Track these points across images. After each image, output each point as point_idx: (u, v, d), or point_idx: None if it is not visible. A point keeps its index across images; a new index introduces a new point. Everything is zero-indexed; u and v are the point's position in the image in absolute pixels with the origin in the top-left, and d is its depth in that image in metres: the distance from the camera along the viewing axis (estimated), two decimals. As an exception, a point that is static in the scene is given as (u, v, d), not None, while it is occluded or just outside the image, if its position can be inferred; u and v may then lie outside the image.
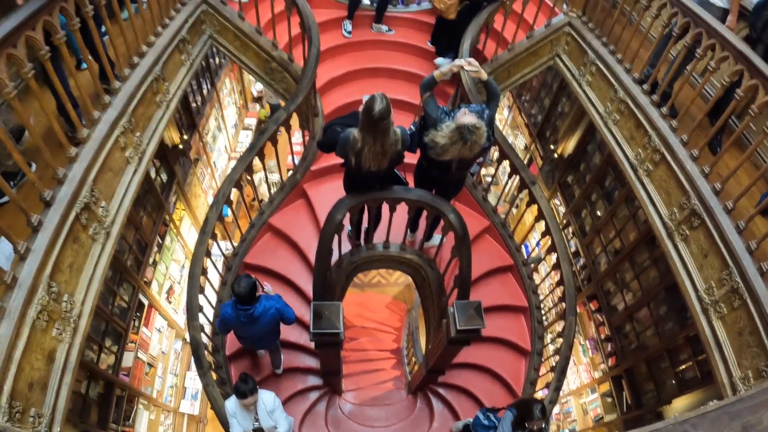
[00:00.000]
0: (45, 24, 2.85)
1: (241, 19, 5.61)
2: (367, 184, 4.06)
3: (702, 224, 3.68)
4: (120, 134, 3.74)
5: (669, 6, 4.33)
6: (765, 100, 3.25)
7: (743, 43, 3.57)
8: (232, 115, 9.45)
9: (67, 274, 3.05)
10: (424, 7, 7.77)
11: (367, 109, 3.39)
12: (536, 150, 8.10)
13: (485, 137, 3.63)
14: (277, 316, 4.24)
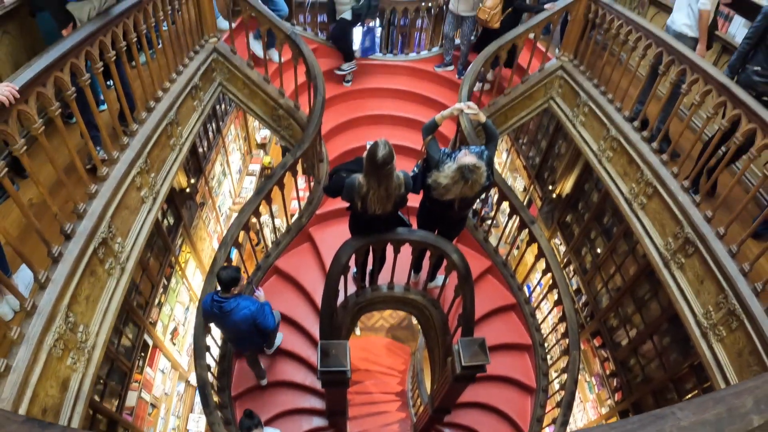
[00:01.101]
0: (72, 66, 3.05)
1: (250, 67, 5.86)
2: (372, 226, 4.20)
3: (696, 251, 3.78)
4: (137, 174, 3.90)
5: (654, 46, 4.58)
6: (764, 143, 3.38)
7: (723, 76, 3.78)
8: (237, 161, 9.65)
9: (83, 305, 3.15)
10: (423, 55, 8.11)
11: (371, 155, 3.54)
12: (535, 191, 8.27)
13: (485, 177, 3.78)
14: (250, 319, 4.26)
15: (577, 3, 5.77)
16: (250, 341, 4.69)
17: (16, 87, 2.49)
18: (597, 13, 5.55)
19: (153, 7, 4.24)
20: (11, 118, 2.49)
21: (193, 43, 5.40)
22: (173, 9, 4.70)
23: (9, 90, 2.43)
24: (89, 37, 3.25)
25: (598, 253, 6.20)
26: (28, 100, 2.64)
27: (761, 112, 3.40)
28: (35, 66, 2.71)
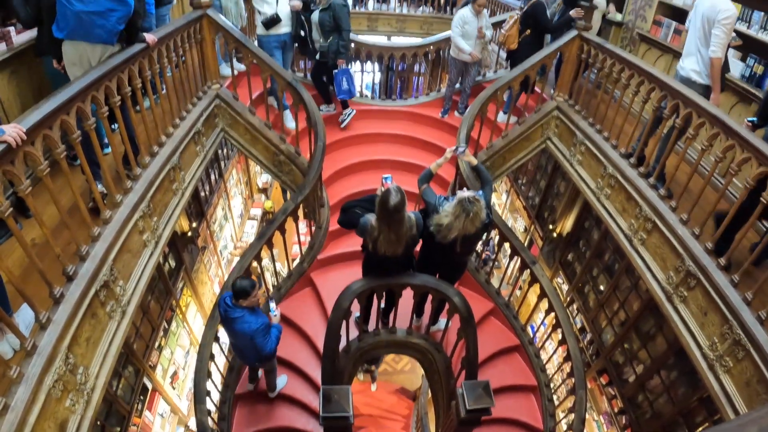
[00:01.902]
0: (78, 110, 3.12)
1: (252, 113, 5.98)
2: (384, 266, 4.25)
3: (698, 284, 3.77)
4: (139, 218, 3.92)
5: (647, 82, 4.69)
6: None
7: (732, 120, 3.73)
8: (239, 205, 9.73)
9: (84, 347, 3.12)
10: (422, 100, 8.28)
11: (383, 202, 3.65)
12: (536, 231, 8.29)
13: (485, 212, 3.89)
14: (249, 335, 4.22)
15: (570, 44, 5.94)
16: (245, 355, 4.63)
17: (24, 129, 2.54)
18: (589, 53, 5.70)
19: (158, 53, 4.36)
20: (17, 158, 2.53)
21: (197, 89, 5.53)
22: (177, 56, 4.83)
23: (17, 131, 2.48)
24: (95, 82, 3.33)
25: (601, 290, 6.17)
26: (35, 141, 2.68)
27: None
28: (42, 109, 2.77)
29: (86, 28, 3.57)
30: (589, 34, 5.81)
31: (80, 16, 3.51)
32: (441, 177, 6.69)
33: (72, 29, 3.58)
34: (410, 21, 12.14)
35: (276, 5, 6.15)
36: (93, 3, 3.50)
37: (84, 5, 3.49)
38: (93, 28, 3.58)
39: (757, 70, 5.13)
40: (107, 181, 3.65)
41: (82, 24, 3.55)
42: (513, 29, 6.81)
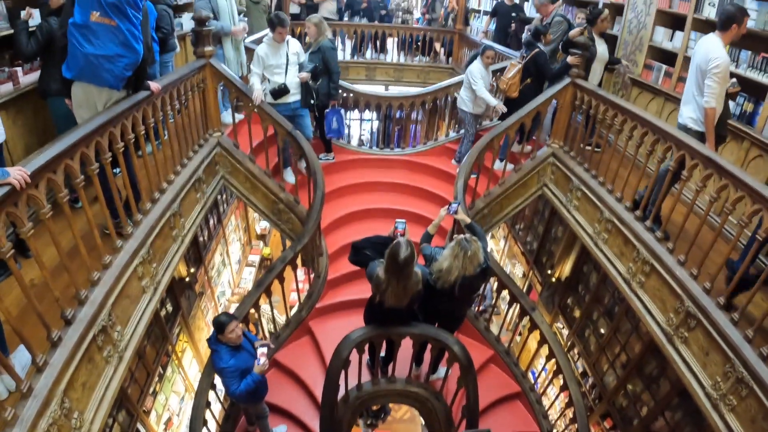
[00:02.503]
0: (82, 155, 3.17)
1: (252, 162, 6.06)
2: (386, 317, 4.26)
3: (698, 324, 3.75)
4: (139, 264, 3.92)
5: (639, 126, 4.78)
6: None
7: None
8: (237, 252, 9.74)
9: (79, 391, 3.07)
10: (419, 149, 8.42)
11: (393, 255, 3.69)
12: (534, 276, 8.28)
13: (482, 253, 3.96)
14: (217, 370, 4.31)
15: (563, 91, 6.08)
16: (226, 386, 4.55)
17: (28, 172, 2.58)
18: (583, 100, 5.83)
19: (162, 101, 4.45)
20: (21, 201, 2.56)
21: (198, 136, 5.62)
22: (180, 103, 4.94)
23: (21, 174, 2.52)
24: (100, 128, 3.40)
25: (601, 334, 6.12)
26: (39, 185, 2.72)
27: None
28: (47, 153, 2.82)
29: (94, 70, 3.66)
30: (586, 83, 5.94)
31: (89, 59, 3.61)
32: (440, 225, 6.75)
33: (81, 70, 3.67)
34: (407, 70, 12.44)
35: (285, 75, 6.24)
36: (102, 47, 3.61)
37: (94, 48, 3.59)
38: (101, 72, 3.67)
39: (748, 108, 5.26)
40: (109, 226, 3.68)
41: (91, 66, 3.64)
42: (516, 77, 6.96)
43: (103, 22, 3.57)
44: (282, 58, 6.21)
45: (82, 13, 3.54)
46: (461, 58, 11.99)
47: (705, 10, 5.93)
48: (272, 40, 6.14)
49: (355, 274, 6.50)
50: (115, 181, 3.78)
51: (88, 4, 3.53)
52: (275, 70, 6.21)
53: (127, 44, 3.69)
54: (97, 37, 3.59)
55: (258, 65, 6.13)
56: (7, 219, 2.49)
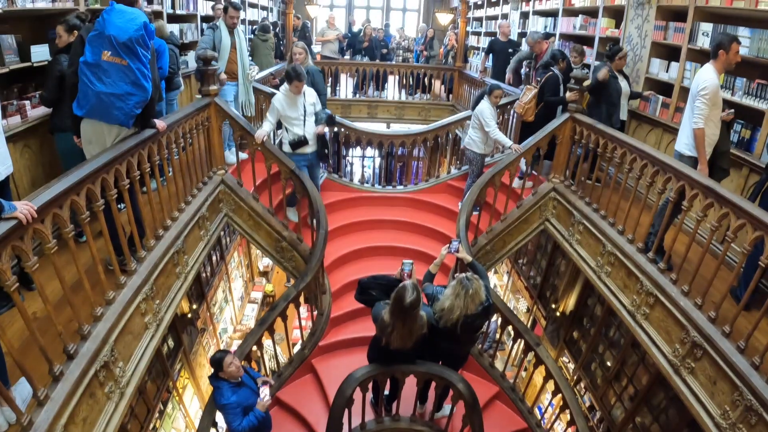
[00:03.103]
0: (88, 192, 3.22)
1: (255, 200, 6.12)
2: (390, 356, 4.27)
3: (705, 354, 3.71)
4: (142, 300, 3.92)
5: (639, 159, 4.81)
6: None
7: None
8: (239, 288, 9.71)
9: (80, 427, 3.03)
10: (421, 186, 8.49)
11: (399, 299, 3.73)
12: (538, 311, 8.22)
13: (484, 291, 3.98)
14: (218, 406, 4.31)
15: (562, 126, 6.16)
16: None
17: (35, 207, 2.62)
18: (582, 134, 5.90)
19: (167, 139, 4.53)
20: (26, 235, 2.58)
21: (202, 174, 5.68)
22: (185, 141, 5.01)
23: (28, 209, 2.55)
24: (106, 164, 3.45)
25: (608, 367, 6.04)
26: (44, 220, 2.75)
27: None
28: (54, 188, 2.86)
29: (105, 108, 3.73)
30: (585, 117, 5.99)
31: (100, 97, 3.68)
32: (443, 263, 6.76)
33: (92, 108, 3.74)
34: (408, 108, 12.65)
35: (303, 126, 6.28)
36: (113, 85, 3.69)
37: (105, 87, 3.67)
38: (112, 110, 3.74)
39: (745, 135, 5.33)
40: (113, 262, 3.71)
41: (102, 104, 3.71)
42: (532, 101, 7.05)
43: (115, 61, 3.66)
44: (299, 110, 6.26)
45: (94, 52, 3.64)
46: (461, 94, 12.20)
47: (699, 40, 6.07)
48: (289, 92, 6.17)
49: (359, 312, 6.48)
50: (120, 218, 3.82)
51: (99, 44, 3.64)
52: (293, 121, 6.24)
53: (137, 83, 3.77)
54: (108, 76, 3.67)
55: (273, 114, 6.18)
56: (12, 252, 2.51)
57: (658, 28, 6.89)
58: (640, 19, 7.21)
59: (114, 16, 3.66)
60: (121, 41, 3.64)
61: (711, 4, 5.88)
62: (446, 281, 6.15)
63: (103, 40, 3.63)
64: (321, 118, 6.44)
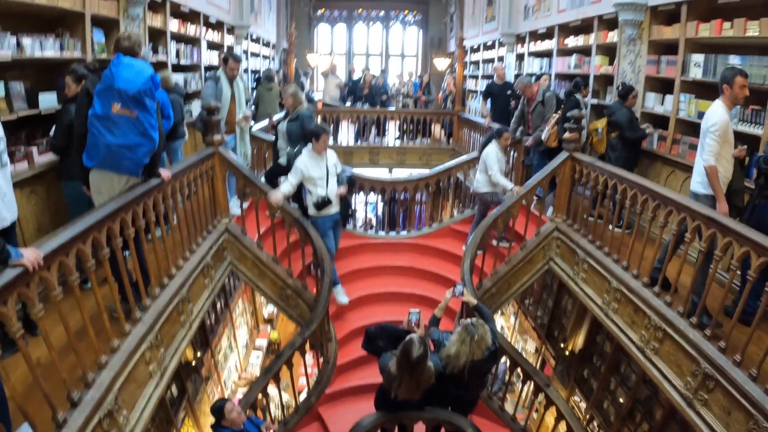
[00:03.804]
0: (94, 240, 3.26)
1: (260, 248, 6.14)
2: (398, 406, 4.21)
3: (717, 385, 3.66)
4: (147, 349, 3.91)
5: (639, 194, 4.84)
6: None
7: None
8: (244, 335, 9.61)
9: (83, 475, 3.00)
10: (425, 231, 8.53)
11: (405, 353, 3.70)
12: (547, 351, 8.10)
13: (490, 336, 3.96)
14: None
15: (562, 165, 6.23)
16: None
17: (42, 254, 2.65)
18: (582, 173, 5.96)
19: (172, 188, 4.60)
20: (33, 282, 2.61)
21: (207, 222, 5.72)
22: (190, 190, 5.08)
23: (35, 256, 2.59)
24: (112, 214, 3.51)
25: (620, 404, 5.91)
26: (51, 267, 2.78)
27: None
28: (60, 236, 2.90)
29: (116, 159, 3.81)
30: (584, 156, 6.07)
31: (111, 148, 3.75)
32: (448, 307, 6.73)
33: (102, 159, 3.81)
34: (410, 153, 12.83)
35: (326, 187, 6.27)
36: (123, 137, 3.76)
37: (115, 138, 3.74)
38: (122, 160, 3.82)
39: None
40: (118, 310, 3.71)
41: (113, 155, 3.78)
42: (555, 128, 7.17)
43: (124, 113, 3.75)
44: (323, 170, 6.24)
45: (104, 105, 3.72)
46: (461, 138, 12.38)
47: (691, 72, 6.17)
48: (312, 152, 6.20)
49: (365, 359, 6.42)
50: (125, 265, 3.85)
51: (108, 96, 3.72)
52: (317, 182, 6.21)
53: (146, 133, 3.86)
54: (118, 127, 3.75)
55: (295, 176, 6.17)
56: (17, 298, 2.53)
57: (651, 62, 7.04)
58: (632, 54, 7.37)
59: (122, 70, 3.76)
60: (130, 94, 3.73)
61: (701, 34, 6.02)
62: (452, 325, 6.11)
63: (112, 93, 3.71)
64: (342, 179, 6.48)
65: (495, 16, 13.83)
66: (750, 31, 5.30)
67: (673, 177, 6.49)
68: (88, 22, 5.79)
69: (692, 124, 6.24)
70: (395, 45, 22.71)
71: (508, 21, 12.67)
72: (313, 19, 19.66)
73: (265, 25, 15.62)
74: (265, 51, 15.67)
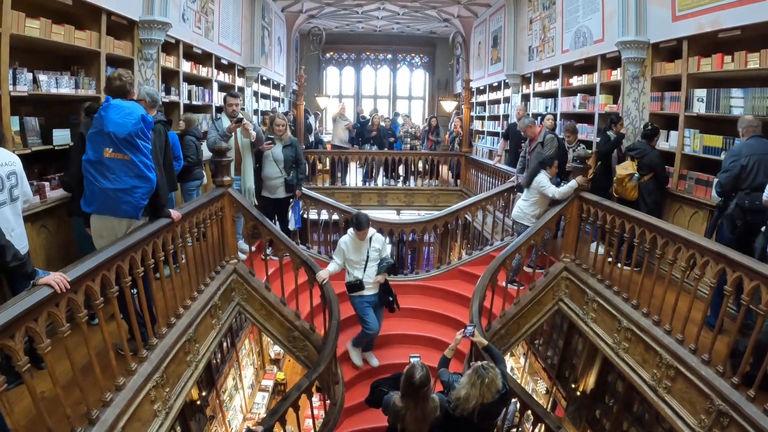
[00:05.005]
0: (103, 279, 3.28)
1: (267, 289, 6.14)
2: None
3: (732, 421, 3.59)
4: (152, 387, 3.89)
5: (647, 232, 4.84)
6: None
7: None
8: (250, 376, 9.52)
9: None
10: (432, 273, 8.51)
11: (408, 377, 3.71)
12: (558, 392, 7.96)
13: (500, 379, 3.90)
14: None
15: (569, 206, 6.25)
16: None
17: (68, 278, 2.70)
18: (589, 212, 5.97)
19: (182, 229, 4.64)
20: (41, 317, 2.63)
21: (215, 263, 5.74)
22: (199, 231, 5.12)
23: (61, 278, 2.66)
24: (122, 253, 3.54)
25: (634, 444, 5.79)
26: (59, 304, 2.81)
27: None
28: (70, 273, 2.93)
29: (113, 204, 3.80)
30: (591, 195, 6.07)
31: (107, 193, 3.76)
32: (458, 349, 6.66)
33: (100, 205, 3.82)
34: (418, 195, 12.86)
35: (363, 271, 6.29)
36: (118, 181, 3.77)
37: (110, 183, 3.75)
38: (120, 204, 3.82)
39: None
40: (124, 347, 3.71)
41: (109, 200, 3.79)
42: (592, 159, 7.15)
43: (117, 157, 3.75)
44: (363, 254, 6.30)
45: (95, 150, 3.74)
46: (469, 179, 12.46)
47: (695, 107, 6.25)
48: (355, 236, 6.27)
49: (373, 402, 6.31)
50: (133, 304, 3.86)
51: (100, 141, 3.74)
52: (355, 264, 6.30)
53: (142, 175, 3.85)
54: (112, 172, 3.75)
55: (339, 256, 6.28)
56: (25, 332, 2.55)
57: (654, 99, 7.13)
58: (636, 92, 7.47)
59: (111, 113, 3.76)
60: (121, 137, 3.73)
61: (703, 69, 6.11)
62: (461, 367, 6.03)
63: (103, 137, 3.72)
64: (382, 266, 6.42)
65: (500, 58, 14.15)
66: (751, 64, 5.39)
67: (680, 213, 6.48)
68: (103, 61, 5.97)
69: (698, 159, 6.30)
70: (403, 87, 23.04)
71: (513, 62, 12.95)
72: (322, 62, 20.08)
73: (275, 67, 16.00)
74: (275, 93, 16.00)
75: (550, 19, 10.89)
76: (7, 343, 2.45)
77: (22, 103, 4.87)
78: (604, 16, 8.41)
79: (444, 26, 18.34)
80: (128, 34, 6.77)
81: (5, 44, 4.44)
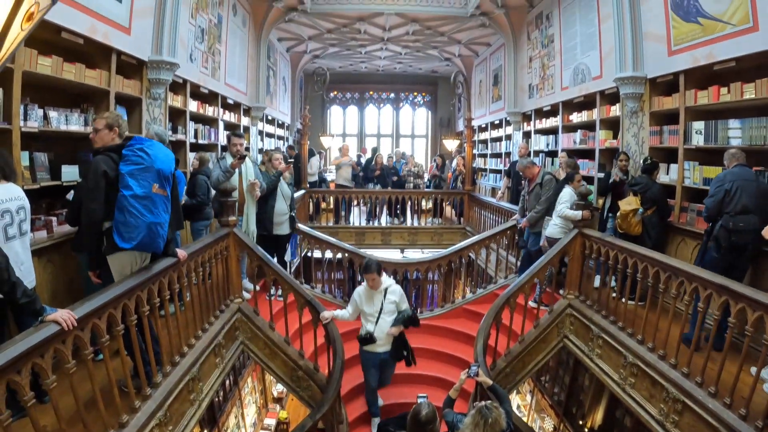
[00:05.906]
0: (109, 317, 3.32)
1: (272, 329, 6.13)
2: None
3: (740, 453, 3.55)
4: (155, 425, 3.86)
5: (650, 266, 4.87)
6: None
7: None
8: (252, 414, 9.37)
9: None
10: (437, 312, 8.49)
11: (415, 414, 3.82)
12: (566, 429, 7.82)
13: (504, 418, 3.89)
14: None
15: (572, 242, 6.27)
16: None
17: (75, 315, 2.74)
18: (592, 248, 6.00)
19: (187, 267, 4.68)
20: (47, 353, 2.66)
21: (219, 302, 5.75)
22: (204, 270, 5.15)
23: (69, 315, 2.69)
24: (128, 291, 3.58)
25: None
26: (66, 340, 2.84)
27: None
28: (78, 311, 2.97)
29: (152, 237, 3.88)
30: (594, 232, 6.11)
31: (151, 227, 3.83)
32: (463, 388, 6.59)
33: (142, 240, 3.82)
34: (421, 233, 12.91)
35: (375, 324, 6.18)
36: (158, 215, 3.89)
37: (154, 217, 3.85)
38: (156, 238, 3.91)
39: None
40: (129, 385, 3.71)
41: (151, 234, 3.85)
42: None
43: (160, 193, 3.93)
44: (376, 306, 6.07)
45: (143, 185, 3.81)
46: (472, 217, 12.52)
47: (694, 139, 6.34)
48: (368, 286, 6.14)
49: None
50: (138, 343, 3.87)
51: (148, 177, 3.85)
52: (368, 317, 6.11)
53: (168, 210, 4.04)
54: (156, 206, 3.88)
55: (352, 305, 6.20)
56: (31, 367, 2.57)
57: (654, 133, 7.24)
58: (635, 126, 7.57)
59: (157, 151, 3.96)
60: (166, 174, 3.95)
61: (700, 102, 6.22)
62: (466, 407, 5.97)
63: (151, 173, 3.86)
64: (398, 318, 6.12)
65: (501, 96, 14.40)
66: (747, 94, 5.50)
67: (683, 245, 6.50)
68: (113, 100, 6.11)
69: (698, 191, 6.34)
70: (405, 125, 23.38)
71: (514, 100, 13.14)
72: (326, 101, 20.41)
73: (280, 107, 16.30)
74: (279, 131, 16.24)
75: (549, 57, 11.11)
76: (14, 378, 2.48)
77: (33, 139, 4.97)
78: (602, 53, 8.60)
79: (445, 65, 18.76)
80: (137, 74, 6.95)
81: (18, 81, 4.55)
